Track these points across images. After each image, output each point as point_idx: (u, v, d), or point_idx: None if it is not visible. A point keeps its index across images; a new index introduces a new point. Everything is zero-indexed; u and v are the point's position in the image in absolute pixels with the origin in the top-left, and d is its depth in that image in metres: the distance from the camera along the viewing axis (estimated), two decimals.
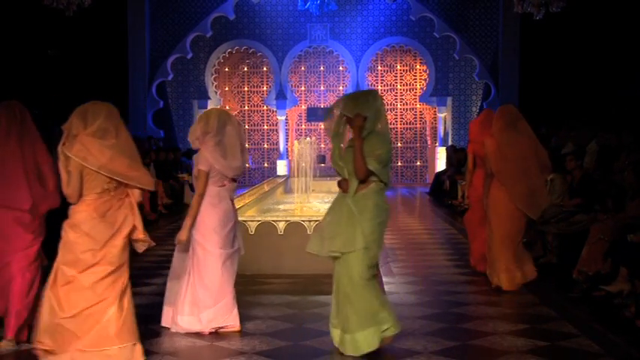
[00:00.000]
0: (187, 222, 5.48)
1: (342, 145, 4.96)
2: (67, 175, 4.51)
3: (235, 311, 5.56)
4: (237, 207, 8.56)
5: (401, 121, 20.82)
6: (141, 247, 4.78)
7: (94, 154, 4.47)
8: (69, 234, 4.55)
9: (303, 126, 21.16)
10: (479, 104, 19.62)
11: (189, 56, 19.55)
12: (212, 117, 5.52)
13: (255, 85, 20.98)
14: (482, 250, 7.53)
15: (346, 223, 4.82)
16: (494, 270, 7.06)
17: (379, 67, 20.63)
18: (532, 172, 6.96)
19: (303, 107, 20.86)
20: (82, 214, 4.54)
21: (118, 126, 4.61)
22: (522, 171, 6.91)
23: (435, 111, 20.17)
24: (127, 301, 4.64)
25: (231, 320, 5.52)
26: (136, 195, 4.71)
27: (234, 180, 5.68)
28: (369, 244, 4.84)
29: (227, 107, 20.91)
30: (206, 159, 5.42)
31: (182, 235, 5.49)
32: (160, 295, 6.14)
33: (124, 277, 4.64)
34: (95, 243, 4.51)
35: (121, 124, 4.65)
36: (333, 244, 4.84)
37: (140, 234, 4.70)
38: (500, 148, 6.95)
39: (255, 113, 21.12)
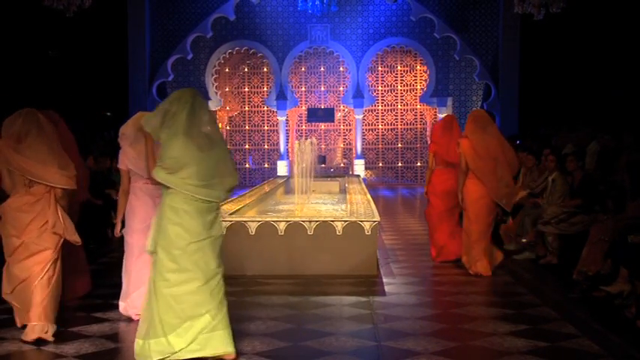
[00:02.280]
0: (117, 218, 5.99)
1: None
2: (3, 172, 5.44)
3: None
4: (237, 208, 8.63)
5: (401, 122, 20.83)
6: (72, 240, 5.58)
7: (7, 156, 5.35)
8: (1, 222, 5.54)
9: (304, 126, 21.18)
10: (479, 105, 19.63)
11: (190, 57, 19.56)
12: (129, 121, 5.97)
13: (256, 85, 20.99)
14: (442, 242, 8.37)
15: (153, 222, 4.76)
16: (472, 258, 7.70)
17: (379, 68, 20.64)
18: (500, 169, 7.64)
19: (303, 108, 20.88)
20: (4, 206, 5.46)
21: (30, 131, 5.39)
22: (493, 168, 7.62)
23: (435, 112, 20.17)
24: (52, 282, 5.42)
25: None
26: (57, 192, 5.47)
27: None
28: (157, 248, 4.62)
29: (227, 107, 20.95)
30: (122, 159, 5.90)
31: (116, 232, 6.01)
32: None
33: (46, 262, 5.40)
34: (16, 230, 5.40)
35: (34, 129, 5.40)
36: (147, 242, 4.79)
37: (49, 227, 5.43)
38: (475, 148, 7.66)
39: (256, 114, 21.13)
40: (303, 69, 20.82)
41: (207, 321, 4.61)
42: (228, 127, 21.28)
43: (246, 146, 21.18)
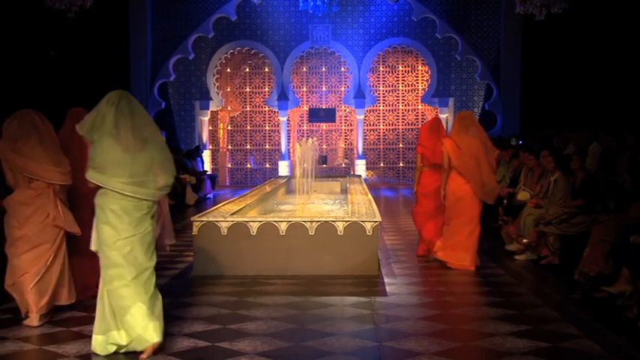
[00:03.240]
0: None
1: None
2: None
3: None
4: (238, 208, 8.64)
5: (402, 122, 20.82)
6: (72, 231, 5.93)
7: (6, 156, 5.76)
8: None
9: (305, 127, 21.20)
10: (481, 105, 19.63)
11: (191, 57, 19.57)
12: None
13: (257, 85, 21.00)
14: (430, 240, 8.64)
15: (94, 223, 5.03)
16: (456, 253, 8.07)
17: (381, 68, 20.65)
18: (483, 167, 8.07)
19: (304, 108, 20.90)
20: (8, 200, 5.84)
21: (25, 131, 5.73)
22: (476, 166, 8.05)
23: (436, 112, 20.17)
24: (51, 273, 5.80)
25: None
26: (55, 187, 5.84)
27: None
28: (97, 247, 4.94)
29: (228, 107, 20.96)
30: None
31: None
32: (166, 297, 6.25)
33: (47, 256, 5.78)
34: (17, 221, 5.75)
35: (29, 130, 5.73)
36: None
37: (50, 220, 5.79)
38: (459, 146, 8.09)
39: (257, 114, 21.14)
40: (304, 69, 20.83)
41: (144, 312, 4.85)
42: (229, 127, 21.29)
43: (248, 146, 21.19)
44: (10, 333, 5.49)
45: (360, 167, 20.12)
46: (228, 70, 20.78)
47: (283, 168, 19.97)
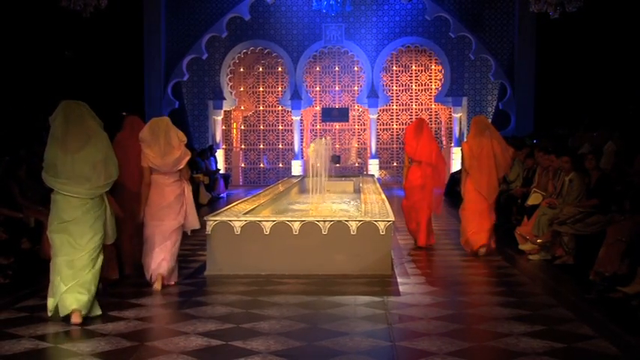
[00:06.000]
0: (141, 206, 7.12)
1: None
2: None
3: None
4: (251, 207, 8.66)
5: None
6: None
7: None
8: None
9: (318, 126, 21.19)
10: (494, 104, 19.55)
11: (205, 57, 19.62)
12: (145, 126, 7.09)
13: (270, 85, 21.02)
14: (413, 230, 9.42)
15: None
16: (478, 235, 8.78)
17: (394, 68, 20.61)
18: (493, 169, 8.77)
19: (317, 107, 20.89)
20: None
21: None
22: (487, 167, 8.73)
23: (450, 111, 20.11)
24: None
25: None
26: None
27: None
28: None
29: (242, 107, 21.03)
30: (143, 158, 7.03)
31: (140, 217, 7.18)
32: (179, 296, 6.22)
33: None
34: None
35: None
36: None
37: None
38: (471, 150, 8.81)
39: (270, 113, 21.17)
40: (317, 69, 20.83)
41: (64, 284, 5.67)
42: (242, 127, 21.34)
43: (261, 146, 21.23)
44: (27, 331, 5.52)
45: (374, 167, 20.09)
46: (242, 69, 20.83)
47: (296, 167, 19.99)
